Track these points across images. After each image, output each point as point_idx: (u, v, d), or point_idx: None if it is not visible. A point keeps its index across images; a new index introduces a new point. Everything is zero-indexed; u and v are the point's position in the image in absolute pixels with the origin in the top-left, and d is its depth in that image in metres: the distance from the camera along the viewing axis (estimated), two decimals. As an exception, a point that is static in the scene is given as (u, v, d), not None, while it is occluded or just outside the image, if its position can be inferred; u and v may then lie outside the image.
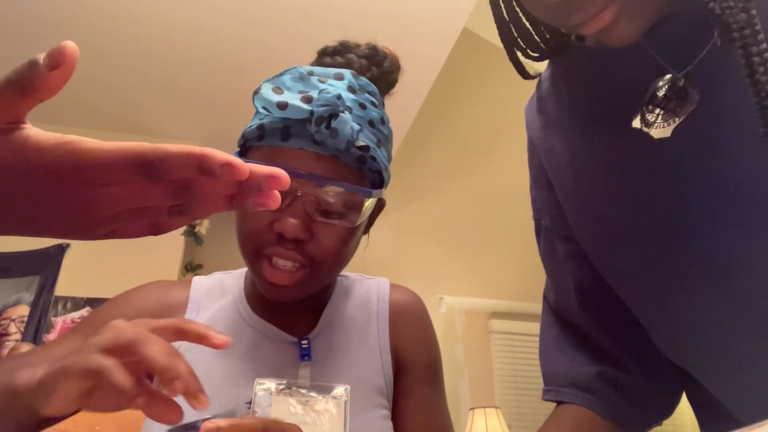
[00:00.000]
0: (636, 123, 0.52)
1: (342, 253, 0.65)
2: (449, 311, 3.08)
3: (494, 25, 0.59)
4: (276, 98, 0.60)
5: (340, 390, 0.64)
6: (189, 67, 2.25)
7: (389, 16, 2.06)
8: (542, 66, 0.67)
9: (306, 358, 0.66)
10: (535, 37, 0.59)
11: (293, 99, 0.60)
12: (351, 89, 0.64)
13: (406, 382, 0.70)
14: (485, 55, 3.62)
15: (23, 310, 2.29)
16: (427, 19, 2.09)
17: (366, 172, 0.65)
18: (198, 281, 0.76)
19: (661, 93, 0.50)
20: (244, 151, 0.66)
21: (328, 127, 0.59)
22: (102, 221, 0.34)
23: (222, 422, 0.45)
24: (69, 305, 2.31)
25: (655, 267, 0.53)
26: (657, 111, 0.50)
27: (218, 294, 0.74)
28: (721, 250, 0.47)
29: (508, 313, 3.19)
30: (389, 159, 0.70)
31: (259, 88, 0.61)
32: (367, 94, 0.66)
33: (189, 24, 2.08)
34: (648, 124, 0.51)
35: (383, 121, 0.67)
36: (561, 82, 0.62)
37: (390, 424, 0.66)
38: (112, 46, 2.16)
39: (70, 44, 0.29)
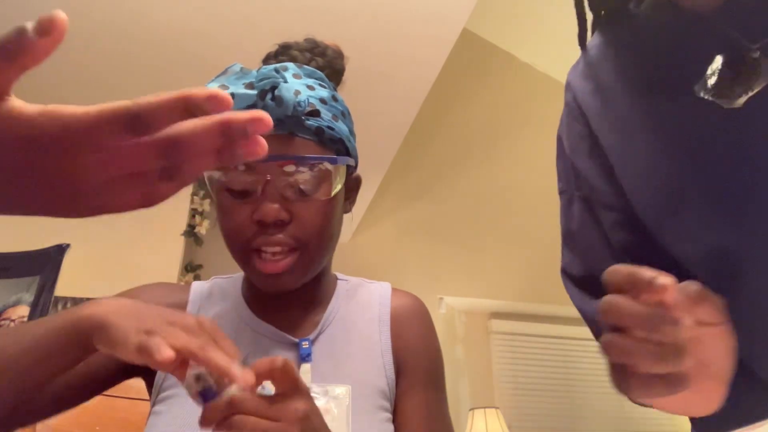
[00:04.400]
0: (703, 93, 0.52)
1: (326, 230, 0.66)
2: (449, 311, 3.08)
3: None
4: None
5: (341, 390, 0.64)
6: (187, 68, 2.26)
7: (388, 16, 2.06)
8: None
9: (307, 359, 0.66)
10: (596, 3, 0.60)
11: (238, 90, 0.63)
12: (296, 76, 0.67)
13: (407, 384, 0.69)
14: (485, 55, 3.62)
15: (23, 311, 2.29)
16: (427, 19, 2.09)
17: (327, 143, 0.66)
18: (197, 285, 0.76)
19: (729, 65, 0.50)
20: None
21: (273, 99, 0.61)
22: (89, 194, 0.33)
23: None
24: (69, 305, 2.31)
25: (719, 235, 0.53)
26: (726, 82, 0.50)
27: (218, 297, 0.74)
28: None
29: (509, 314, 3.19)
30: (351, 133, 0.72)
31: (205, 87, 0.63)
32: (313, 79, 0.69)
33: (187, 27, 2.08)
34: (717, 95, 0.51)
35: (335, 98, 0.70)
36: (620, 48, 0.62)
37: (392, 427, 0.66)
38: (112, 46, 2.16)
39: (61, 13, 0.29)
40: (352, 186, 0.75)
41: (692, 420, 0.61)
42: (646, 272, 0.40)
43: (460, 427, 2.65)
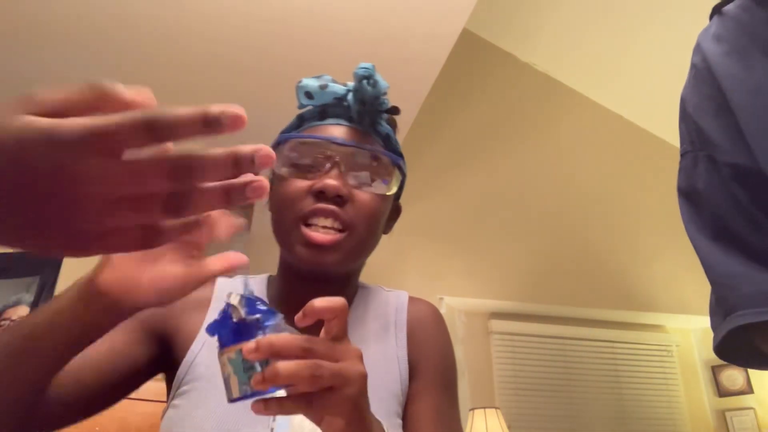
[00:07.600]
0: None
1: (374, 221, 0.70)
2: (449, 311, 3.08)
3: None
4: (318, 83, 0.72)
5: None
6: (191, 69, 2.26)
7: (389, 16, 2.06)
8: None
9: None
10: None
11: (331, 83, 0.72)
12: None
13: (419, 386, 0.70)
14: (485, 55, 3.62)
15: (23, 311, 2.29)
16: (427, 19, 2.09)
17: (389, 150, 0.74)
18: (222, 281, 0.78)
19: None
20: (280, 142, 0.73)
21: (369, 84, 0.69)
22: (91, 232, 0.33)
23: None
24: (69, 305, 2.31)
25: None
26: None
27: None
28: None
29: (508, 314, 3.19)
30: (404, 165, 0.79)
31: (301, 80, 0.72)
32: None
33: (188, 28, 2.08)
34: None
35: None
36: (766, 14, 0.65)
37: None
38: (118, 48, 2.16)
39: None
40: (394, 210, 0.80)
41: None
42: None
43: (460, 427, 2.65)
